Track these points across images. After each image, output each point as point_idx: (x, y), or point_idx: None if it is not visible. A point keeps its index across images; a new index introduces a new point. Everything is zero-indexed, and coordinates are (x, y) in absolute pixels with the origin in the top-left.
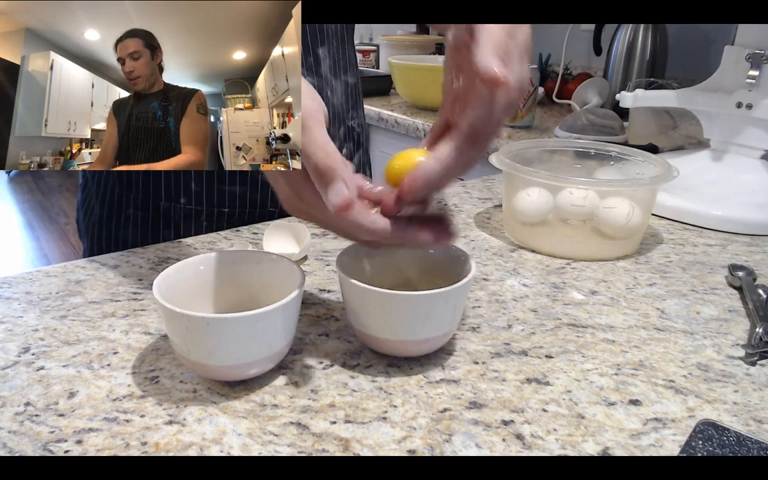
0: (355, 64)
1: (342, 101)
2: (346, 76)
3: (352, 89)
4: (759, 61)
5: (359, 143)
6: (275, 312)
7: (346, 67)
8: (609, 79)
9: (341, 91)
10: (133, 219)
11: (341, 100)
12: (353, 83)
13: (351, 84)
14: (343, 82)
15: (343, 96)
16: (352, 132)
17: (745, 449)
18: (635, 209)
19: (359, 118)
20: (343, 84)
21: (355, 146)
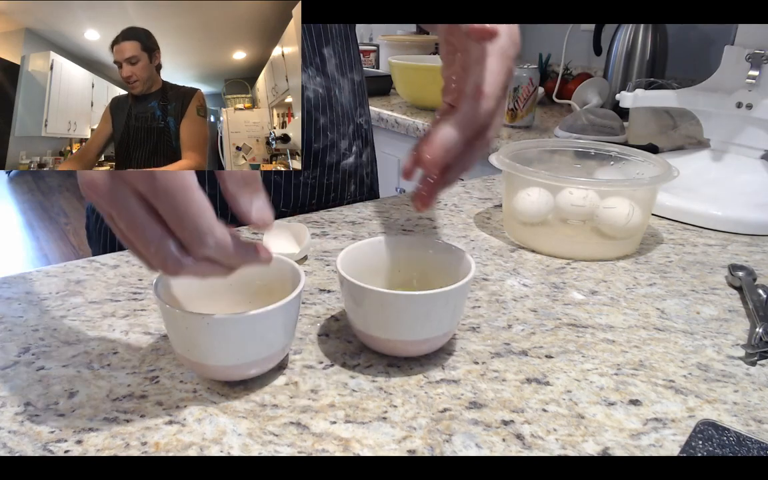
0: (360, 61)
1: (350, 99)
2: (351, 74)
3: (359, 86)
4: (759, 61)
5: (367, 140)
6: (275, 312)
7: (352, 65)
8: (609, 79)
9: (348, 89)
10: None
11: (349, 98)
12: (359, 80)
13: (357, 81)
14: (350, 79)
15: (350, 94)
16: (360, 129)
17: (745, 449)
18: (635, 209)
19: (366, 114)
20: (350, 82)
21: (363, 143)
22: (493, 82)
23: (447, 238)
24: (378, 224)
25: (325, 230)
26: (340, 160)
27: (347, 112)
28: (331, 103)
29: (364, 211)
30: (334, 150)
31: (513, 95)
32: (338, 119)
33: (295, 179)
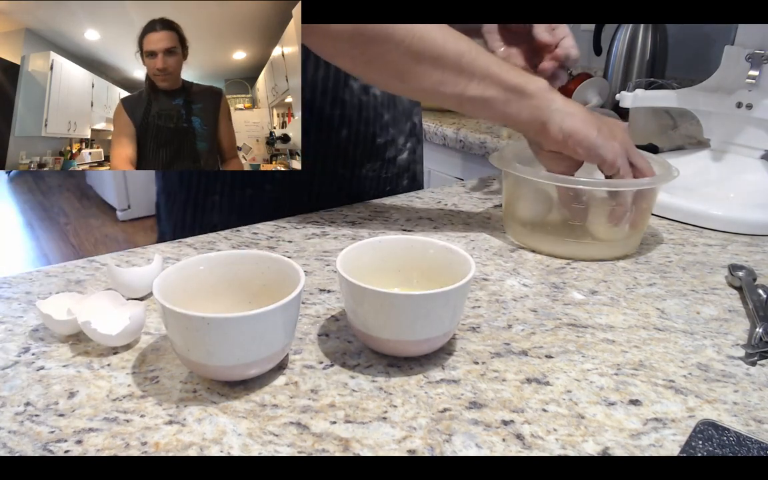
0: None
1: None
2: None
3: None
4: (759, 61)
5: (419, 138)
6: (275, 312)
7: None
8: (609, 79)
9: None
10: (219, 205)
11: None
12: None
13: None
14: None
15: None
16: (415, 127)
17: (745, 449)
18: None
19: (419, 114)
20: None
21: (416, 140)
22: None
23: (447, 238)
24: (378, 224)
25: (325, 230)
26: (397, 156)
27: (406, 110)
28: (395, 101)
29: (364, 211)
30: (393, 145)
31: None
32: (399, 116)
33: (359, 169)
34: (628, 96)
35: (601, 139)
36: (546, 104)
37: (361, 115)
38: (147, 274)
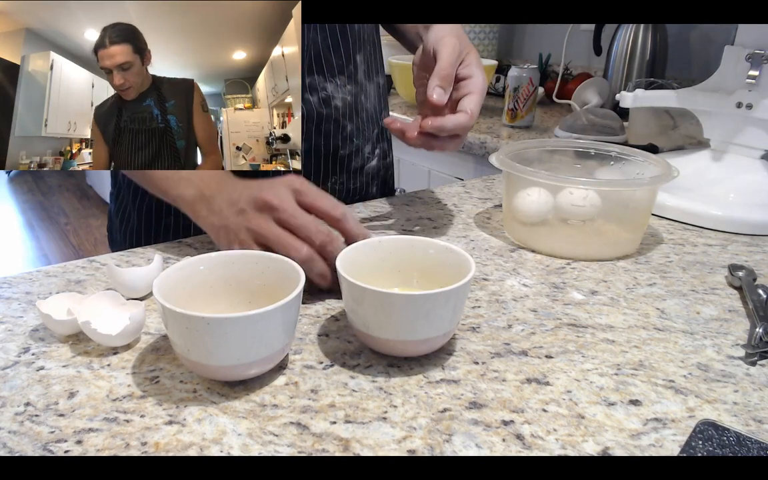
0: (383, 63)
1: (375, 103)
2: (377, 78)
3: (383, 89)
4: (759, 61)
5: (389, 142)
6: (275, 312)
7: (377, 69)
8: (609, 79)
9: (374, 94)
10: (174, 226)
11: (374, 103)
12: (382, 83)
13: (381, 85)
14: (375, 83)
15: (375, 98)
16: (384, 132)
17: (745, 449)
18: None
19: (387, 115)
20: (375, 86)
21: (387, 145)
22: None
23: (447, 238)
24: (378, 224)
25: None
26: (365, 165)
27: (372, 117)
28: (357, 109)
29: (364, 211)
30: (359, 155)
31: (513, 95)
32: (363, 125)
33: (323, 185)
34: (628, 96)
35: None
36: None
37: (320, 129)
38: (147, 274)
